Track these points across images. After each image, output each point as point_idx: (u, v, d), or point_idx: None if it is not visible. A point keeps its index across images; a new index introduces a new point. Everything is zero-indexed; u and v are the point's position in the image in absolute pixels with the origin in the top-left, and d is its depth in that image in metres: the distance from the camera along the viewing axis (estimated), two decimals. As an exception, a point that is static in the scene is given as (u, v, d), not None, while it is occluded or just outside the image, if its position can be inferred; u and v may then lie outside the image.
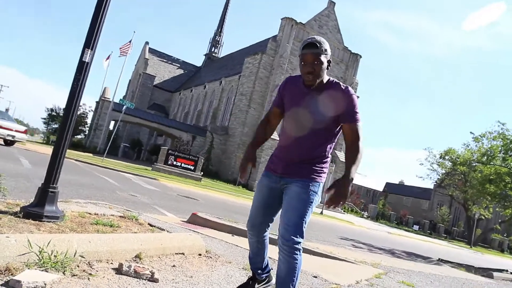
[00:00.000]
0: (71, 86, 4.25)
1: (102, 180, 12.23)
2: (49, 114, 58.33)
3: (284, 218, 2.51)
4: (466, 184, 40.03)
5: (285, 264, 2.46)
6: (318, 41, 2.49)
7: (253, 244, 2.85)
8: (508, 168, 18.86)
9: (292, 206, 2.52)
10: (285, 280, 2.48)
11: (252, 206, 2.77)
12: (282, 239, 2.45)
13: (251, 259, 2.94)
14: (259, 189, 2.76)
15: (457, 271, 10.13)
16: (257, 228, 2.75)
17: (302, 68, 2.52)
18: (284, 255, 2.46)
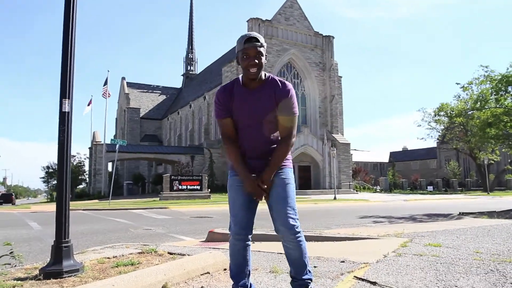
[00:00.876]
0: (58, 138, 4.24)
1: (113, 223, 12.20)
2: (46, 172, 58.22)
3: (279, 210, 2.61)
4: (467, 133, 40.19)
5: (295, 250, 2.64)
6: (256, 36, 2.59)
7: (238, 253, 2.71)
8: (503, 108, 18.91)
9: (283, 197, 2.63)
10: (301, 262, 2.67)
11: (235, 208, 2.73)
12: (286, 230, 2.58)
13: (235, 275, 2.74)
14: (235, 189, 2.72)
15: (480, 220, 10.13)
16: (246, 229, 2.70)
17: (244, 61, 2.58)
18: (292, 243, 2.62)
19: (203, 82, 57.97)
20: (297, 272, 2.69)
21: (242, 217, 2.69)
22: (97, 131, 41.96)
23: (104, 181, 38.61)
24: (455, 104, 29.71)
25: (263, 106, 2.64)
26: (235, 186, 2.73)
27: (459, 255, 4.62)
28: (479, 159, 47.49)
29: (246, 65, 2.57)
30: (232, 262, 2.76)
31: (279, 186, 2.65)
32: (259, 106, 2.64)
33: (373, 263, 4.17)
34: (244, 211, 2.70)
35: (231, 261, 2.76)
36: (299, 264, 2.68)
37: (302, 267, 2.68)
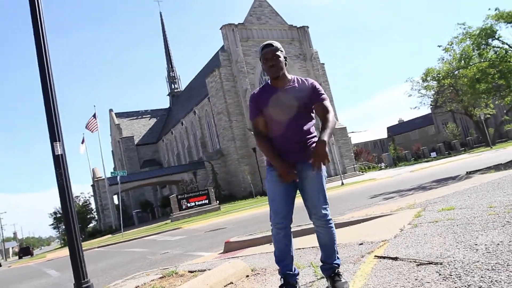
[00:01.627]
0: (57, 182, 4.23)
1: (130, 254, 12.16)
2: (54, 218, 58.19)
3: (313, 200, 2.91)
4: (459, 93, 40.25)
5: (326, 235, 2.96)
6: (271, 42, 2.99)
7: (280, 241, 2.96)
8: (488, 61, 18.97)
9: (316, 189, 2.90)
10: (331, 246, 2.97)
11: (274, 200, 2.96)
12: (318, 217, 2.91)
13: (280, 261, 2.98)
14: (274, 182, 2.94)
15: (488, 175, 10.16)
16: (286, 219, 2.93)
17: (265, 64, 2.96)
18: (323, 229, 2.94)
19: (190, 98, 57.97)
20: (327, 256, 2.98)
21: (281, 208, 2.93)
22: (96, 168, 41.88)
23: (113, 215, 38.54)
24: (441, 67, 29.83)
25: (293, 101, 2.92)
26: (273, 180, 2.94)
27: (474, 214, 4.62)
28: (476, 116, 47.60)
29: (267, 67, 2.96)
30: (276, 249, 3.02)
31: (312, 177, 2.87)
32: (289, 102, 2.92)
33: (391, 239, 4.18)
34: (283, 202, 2.93)
35: (275, 249, 3.02)
36: (329, 249, 2.96)
37: (332, 252, 2.96)
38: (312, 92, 2.96)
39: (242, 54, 41.42)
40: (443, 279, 2.58)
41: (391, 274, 2.95)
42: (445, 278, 2.59)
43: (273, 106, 2.96)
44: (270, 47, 2.95)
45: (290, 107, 2.92)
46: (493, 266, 2.61)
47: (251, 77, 41.66)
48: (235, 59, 41.25)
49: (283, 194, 2.93)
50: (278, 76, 2.95)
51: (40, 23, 4.24)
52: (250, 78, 41.58)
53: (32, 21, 4.22)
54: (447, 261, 2.96)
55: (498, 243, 3.15)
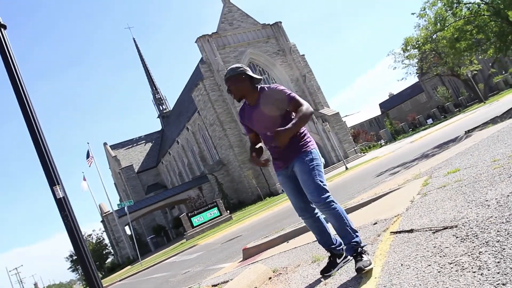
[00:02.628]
0: (64, 225, 4.22)
1: (152, 280, 12.14)
2: (71, 260, 57.95)
3: (307, 189, 3.08)
4: (441, 56, 40.38)
5: (331, 217, 3.06)
6: (230, 68, 3.28)
7: (311, 225, 3.31)
8: (463, 18, 19.05)
9: (304, 180, 3.09)
10: (342, 227, 3.06)
11: (290, 198, 3.32)
12: (316, 204, 3.07)
13: (320, 240, 3.31)
14: (284, 185, 3.31)
15: (487, 130, 10.18)
16: (304, 209, 3.25)
17: None
18: (325, 212, 3.08)
19: (180, 115, 57.94)
20: (342, 237, 3.10)
21: (297, 203, 3.27)
22: (102, 203, 41.78)
23: (128, 246, 38.42)
24: (418, 34, 29.94)
25: (265, 115, 3.16)
26: (282, 182, 3.32)
27: (479, 171, 4.63)
28: (463, 75, 47.73)
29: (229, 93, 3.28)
30: (313, 234, 3.35)
31: (299, 173, 3.11)
32: (263, 117, 3.18)
33: (404, 213, 4.18)
34: (296, 198, 3.26)
35: (313, 233, 3.35)
36: (341, 230, 3.07)
37: (345, 232, 3.05)
38: (278, 97, 3.13)
39: (222, 62, 41.42)
40: (461, 241, 2.58)
41: (410, 247, 2.95)
42: (463, 240, 2.59)
43: (253, 123, 3.28)
44: (226, 76, 3.25)
45: (266, 121, 3.17)
46: (507, 218, 2.62)
47: None
48: (216, 68, 41.27)
49: (294, 190, 3.26)
50: (239, 100, 3.26)
51: (16, 73, 4.23)
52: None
53: (7, 73, 4.22)
54: (461, 222, 2.96)
55: (508, 194, 3.16)
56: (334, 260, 3.28)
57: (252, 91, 3.22)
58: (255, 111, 3.23)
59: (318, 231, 3.29)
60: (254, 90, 3.23)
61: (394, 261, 2.82)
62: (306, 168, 3.07)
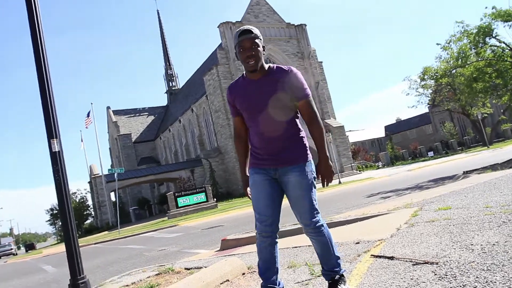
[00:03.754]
0: (53, 179, 4.23)
1: (127, 250, 12.16)
2: (51, 214, 58.10)
3: (298, 207, 2.63)
4: (456, 92, 40.32)
5: (319, 243, 2.69)
6: (250, 28, 2.59)
7: (265, 250, 2.67)
8: (485, 60, 19.00)
9: (301, 196, 2.61)
10: (326, 254, 2.71)
11: (257, 206, 2.67)
12: (306, 226, 2.65)
13: (264, 273, 2.68)
14: (258, 187, 2.68)
15: (485, 175, 10.19)
16: (272, 226, 2.65)
17: (241, 55, 2.56)
18: (313, 237, 2.69)
19: (188, 95, 57.88)
20: (323, 263, 2.76)
21: (266, 214, 2.64)
22: (93, 165, 41.86)
23: (110, 212, 38.49)
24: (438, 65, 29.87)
25: (268, 91, 2.58)
26: (257, 183, 2.69)
27: (470, 214, 4.64)
28: (473, 115, 47.71)
29: (244, 58, 2.55)
30: (259, 259, 2.70)
31: (295, 186, 2.60)
32: (264, 93, 2.59)
33: (388, 238, 4.19)
34: (268, 209, 2.64)
35: (259, 259, 2.70)
36: (325, 257, 2.73)
37: (327, 259, 2.72)
38: (293, 84, 2.59)
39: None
40: (439, 279, 2.59)
41: (387, 274, 2.96)
42: (441, 278, 2.60)
43: (245, 102, 2.65)
44: (248, 34, 2.55)
45: (264, 101, 2.58)
46: (489, 267, 2.62)
47: None
48: (233, 57, 41.17)
49: (268, 198, 2.65)
50: (256, 69, 2.57)
51: (37, 23, 4.22)
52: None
53: (29, 21, 4.21)
54: (443, 261, 2.97)
55: (493, 243, 3.17)
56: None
57: (263, 65, 2.63)
58: (256, 87, 2.62)
59: (269, 259, 2.67)
60: (264, 64, 2.64)
61: (369, 284, 2.83)
62: (305, 182, 2.60)
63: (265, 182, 2.66)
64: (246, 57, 2.54)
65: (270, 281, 2.65)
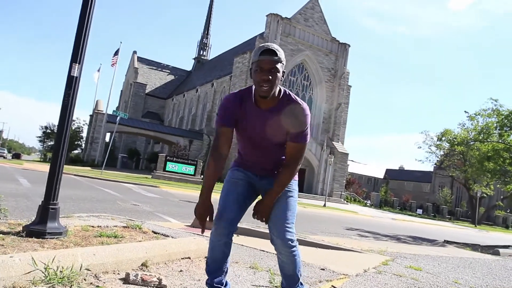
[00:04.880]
0: (62, 101, 4.24)
1: (102, 193, 12.22)
2: (43, 132, 58.20)
3: (278, 222, 2.48)
4: (465, 163, 40.18)
5: (289, 263, 2.54)
6: (276, 48, 2.34)
7: (218, 248, 2.48)
8: (505, 144, 18.92)
9: (284, 209, 2.50)
10: (294, 276, 2.58)
11: (225, 200, 2.52)
12: (282, 243, 2.46)
13: (212, 273, 2.54)
14: (233, 182, 2.59)
15: (463, 251, 10.17)
16: (231, 225, 2.46)
17: (257, 75, 2.32)
18: (286, 256, 2.50)
19: (213, 69, 57.85)
20: (288, 285, 2.63)
21: (230, 213, 2.47)
22: (100, 100, 41.85)
23: (99, 150, 38.61)
24: (459, 132, 29.77)
25: (275, 130, 2.43)
26: (234, 179, 2.61)
27: (438, 282, 4.64)
28: (473, 191, 47.56)
29: (258, 80, 2.31)
30: (209, 256, 2.53)
31: (284, 199, 2.52)
32: (270, 130, 2.43)
33: (352, 276, 4.19)
34: (234, 206, 2.50)
35: (209, 256, 2.54)
36: (291, 278, 2.59)
37: (293, 281, 2.60)
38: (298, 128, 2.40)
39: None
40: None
41: (341, 309, 2.97)
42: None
43: (248, 128, 2.49)
44: (271, 56, 2.30)
45: (267, 136, 2.46)
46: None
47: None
48: (270, 49, 41.07)
49: (240, 196, 2.54)
50: (267, 97, 2.35)
51: None
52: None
53: None
54: (397, 316, 2.97)
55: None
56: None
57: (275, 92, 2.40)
58: (265, 117, 2.43)
59: (221, 259, 2.50)
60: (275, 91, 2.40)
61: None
62: (291, 198, 2.55)
63: (243, 182, 2.59)
64: (262, 80, 2.30)
65: (216, 281, 2.52)
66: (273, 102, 2.40)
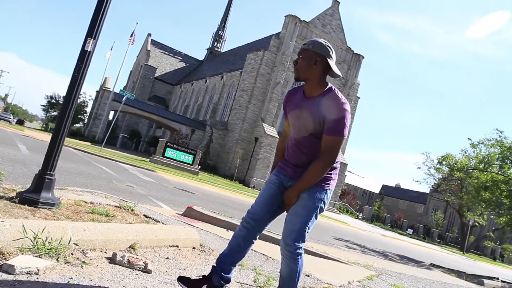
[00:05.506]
0: (72, 74, 4.24)
1: (99, 170, 12.23)
2: (48, 101, 58.17)
3: (288, 223, 2.54)
4: (462, 190, 40.15)
5: (287, 268, 2.56)
6: (311, 40, 2.61)
7: (237, 239, 2.64)
8: (505, 176, 18.90)
9: (297, 213, 2.53)
10: (288, 283, 2.59)
11: (258, 200, 2.68)
12: (285, 244, 2.51)
13: (222, 260, 2.65)
14: (266, 186, 2.71)
15: (449, 277, 10.18)
16: (256, 221, 2.61)
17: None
18: (286, 259, 2.54)
19: (225, 62, 57.79)
20: (280, 284, 2.64)
21: (258, 211, 2.63)
22: (109, 77, 41.77)
23: (101, 127, 38.59)
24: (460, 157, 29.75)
25: (314, 116, 2.49)
26: (268, 183, 2.72)
27: (420, 304, 4.64)
28: (465, 218, 47.51)
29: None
30: (228, 244, 2.68)
31: (299, 203, 2.55)
32: (309, 116, 2.51)
33: (336, 287, 4.20)
34: (261, 206, 2.64)
35: (228, 243, 2.68)
36: (285, 283, 2.60)
37: (286, 284, 2.60)
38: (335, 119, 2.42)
39: (292, 49, 41.19)
40: None
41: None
42: None
43: (292, 116, 2.63)
44: (306, 45, 2.57)
45: (306, 124, 2.53)
46: None
47: (289, 74, 41.47)
48: (284, 50, 41.05)
49: (268, 199, 2.65)
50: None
51: None
52: (287, 75, 41.42)
53: None
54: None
55: None
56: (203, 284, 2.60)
57: (319, 81, 2.53)
58: (307, 102, 2.55)
59: (236, 249, 2.63)
60: (321, 82, 2.54)
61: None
62: (310, 204, 2.53)
63: (274, 185, 2.68)
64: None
65: (223, 269, 2.62)
66: (316, 91, 2.55)
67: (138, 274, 2.77)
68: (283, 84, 41.15)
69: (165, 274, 2.94)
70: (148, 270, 2.86)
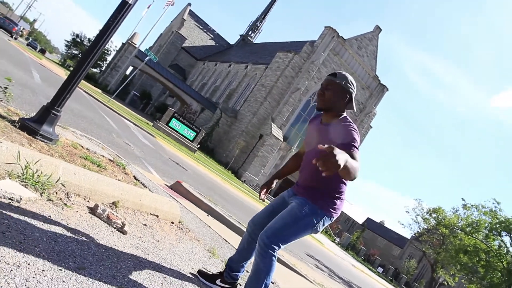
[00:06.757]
0: (106, 21, 4.24)
1: (102, 119, 12.25)
2: (73, 38, 58.18)
3: (272, 223, 2.57)
4: (442, 246, 40.10)
5: (257, 265, 2.52)
6: (340, 72, 2.64)
7: (242, 240, 2.93)
8: (487, 246, 18.89)
9: (281, 216, 2.58)
10: (252, 279, 2.54)
11: (263, 209, 2.91)
12: (259, 239, 2.52)
13: (232, 262, 2.92)
14: (277, 200, 2.89)
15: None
16: (254, 224, 2.85)
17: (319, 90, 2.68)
18: (256, 256, 2.55)
19: (254, 53, 57.70)
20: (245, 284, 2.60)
21: (260, 215, 2.86)
22: (138, 33, 41.68)
23: (116, 79, 38.60)
24: (450, 215, 29.71)
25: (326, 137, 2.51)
26: (281, 197, 2.88)
27: None
28: (436, 274, 47.49)
29: (317, 94, 2.66)
30: (238, 248, 2.96)
31: (289, 208, 2.61)
32: (319, 138, 2.61)
33: (296, 301, 4.20)
34: (263, 212, 2.86)
35: (238, 247, 2.96)
36: (250, 280, 2.55)
37: (250, 282, 2.54)
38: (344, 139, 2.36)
39: (321, 60, 41.10)
40: None
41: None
42: None
43: (307, 141, 2.79)
44: (332, 76, 2.60)
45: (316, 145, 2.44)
46: None
47: (311, 84, 41.43)
48: (314, 59, 40.96)
49: (273, 206, 2.84)
50: (320, 108, 2.62)
51: None
52: (309, 84, 41.37)
53: None
54: None
55: None
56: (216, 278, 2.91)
57: (338, 112, 2.61)
58: (321, 128, 2.65)
59: (241, 249, 2.87)
60: (340, 112, 2.62)
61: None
62: (297, 213, 2.54)
63: (281, 198, 2.86)
64: (318, 93, 2.66)
65: (231, 266, 2.91)
66: (332, 119, 2.63)
67: (113, 232, 2.77)
68: (303, 92, 41.08)
69: (138, 239, 2.95)
70: (124, 231, 2.86)
